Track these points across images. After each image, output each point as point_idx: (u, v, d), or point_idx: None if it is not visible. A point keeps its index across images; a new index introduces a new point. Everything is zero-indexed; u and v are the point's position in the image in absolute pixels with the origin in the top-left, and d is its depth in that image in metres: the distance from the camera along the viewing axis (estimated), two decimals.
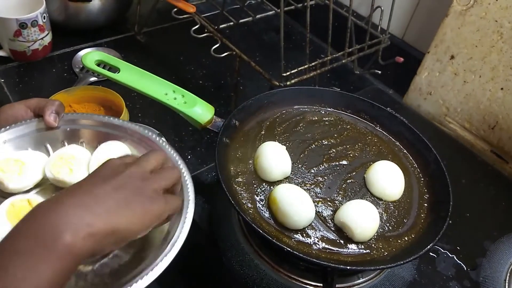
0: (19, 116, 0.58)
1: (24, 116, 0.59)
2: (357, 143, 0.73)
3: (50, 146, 0.60)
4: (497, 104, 0.87)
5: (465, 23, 0.87)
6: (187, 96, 0.67)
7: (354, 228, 0.57)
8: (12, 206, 0.52)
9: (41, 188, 0.58)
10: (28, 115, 0.59)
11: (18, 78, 0.94)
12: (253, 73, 0.88)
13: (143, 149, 0.60)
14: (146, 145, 0.61)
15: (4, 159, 0.55)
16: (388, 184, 0.65)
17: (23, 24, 0.91)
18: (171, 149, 0.59)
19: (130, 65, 0.66)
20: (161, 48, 1.12)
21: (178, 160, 0.58)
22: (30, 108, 0.59)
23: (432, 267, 0.70)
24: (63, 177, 0.56)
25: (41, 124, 0.59)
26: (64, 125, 0.60)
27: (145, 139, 0.61)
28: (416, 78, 0.99)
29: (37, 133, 0.59)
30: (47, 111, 0.58)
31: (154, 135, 0.60)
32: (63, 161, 0.57)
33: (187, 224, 0.50)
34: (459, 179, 0.84)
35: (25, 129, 0.58)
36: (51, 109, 0.58)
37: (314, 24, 0.83)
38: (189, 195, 0.54)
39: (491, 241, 0.74)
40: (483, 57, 0.86)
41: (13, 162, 0.55)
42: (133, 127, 0.61)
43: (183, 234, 0.50)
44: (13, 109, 0.59)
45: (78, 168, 0.57)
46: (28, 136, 0.58)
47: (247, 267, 0.64)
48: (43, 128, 0.59)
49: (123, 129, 0.61)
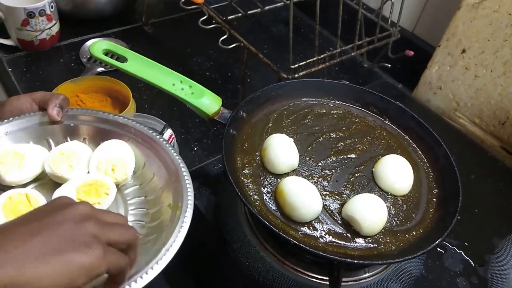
0: (24, 108, 0.58)
1: (29, 108, 0.58)
2: (365, 137, 0.72)
3: (52, 140, 0.60)
4: (508, 100, 0.86)
5: (477, 16, 0.85)
6: (194, 87, 0.67)
7: (362, 222, 0.57)
8: (9, 200, 0.51)
9: (39, 183, 0.57)
10: (33, 108, 0.59)
11: (25, 68, 0.94)
12: (261, 65, 0.87)
13: (145, 149, 0.60)
14: (149, 145, 0.60)
15: (3, 151, 0.55)
16: (397, 179, 0.64)
17: (31, 13, 0.90)
18: (173, 151, 0.58)
19: (138, 55, 0.66)
20: (169, 39, 1.11)
21: (178, 159, 0.57)
22: (35, 101, 0.59)
23: (439, 262, 0.69)
24: (62, 173, 0.55)
25: (44, 117, 0.58)
26: (68, 120, 0.60)
27: (148, 139, 0.60)
28: (426, 72, 0.98)
29: (40, 127, 0.59)
30: (51, 104, 0.58)
31: (158, 136, 0.60)
32: (63, 156, 0.56)
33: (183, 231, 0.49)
34: (468, 174, 0.83)
35: (27, 122, 0.58)
36: (54, 102, 0.58)
37: (323, 16, 0.82)
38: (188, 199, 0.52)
39: (500, 237, 0.73)
40: (495, 51, 0.85)
41: (12, 155, 0.55)
42: (137, 126, 0.60)
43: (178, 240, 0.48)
44: (18, 101, 0.58)
45: (78, 164, 0.57)
46: (31, 129, 0.58)
47: (253, 260, 0.64)
48: (46, 122, 0.59)
49: (127, 128, 0.61)
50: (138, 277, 0.44)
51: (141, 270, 0.45)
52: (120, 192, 0.58)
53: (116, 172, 0.57)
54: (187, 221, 0.50)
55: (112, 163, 0.57)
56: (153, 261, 0.46)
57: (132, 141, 0.60)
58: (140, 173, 0.59)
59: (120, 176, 0.57)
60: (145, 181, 0.58)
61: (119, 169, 0.57)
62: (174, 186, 0.55)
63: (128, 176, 0.58)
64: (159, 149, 0.58)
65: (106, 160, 0.57)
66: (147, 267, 0.45)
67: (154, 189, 0.57)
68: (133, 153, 0.59)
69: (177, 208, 0.52)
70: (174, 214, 0.51)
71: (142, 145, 0.60)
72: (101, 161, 0.57)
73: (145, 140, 0.60)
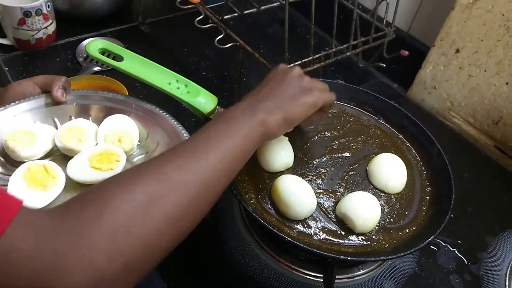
0: (27, 92, 0.61)
1: (32, 92, 0.61)
2: (360, 136, 0.72)
3: (57, 120, 0.63)
4: (501, 99, 0.87)
5: (471, 16, 0.86)
6: (190, 86, 0.67)
7: (356, 220, 0.57)
8: (28, 170, 0.54)
9: (51, 158, 0.61)
10: (36, 91, 0.61)
11: (22, 67, 0.95)
12: (257, 65, 0.88)
13: (148, 122, 0.64)
14: (151, 118, 0.64)
15: (15, 131, 0.58)
16: (391, 177, 0.64)
17: (28, 12, 0.91)
18: (173, 120, 0.62)
19: (134, 54, 0.66)
20: (165, 38, 1.11)
21: (181, 129, 0.61)
22: (37, 84, 0.62)
23: (432, 260, 0.70)
24: (72, 146, 0.59)
25: (48, 99, 0.61)
26: (71, 100, 0.63)
27: (149, 113, 0.64)
28: (421, 72, 0.99)
29: (45, 108, 0.62)
30: (55, 86, 0.61)
31: (158, 108, 0.64)
32: (71, 132, 0.60)
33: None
34: (462, 173, 0.84)
35: (33, 104, 0.61)
36: (58, 84, 0.61)
37: (319, 16, 0.83)
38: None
39: (493, 235, 0.74)
40: (489, 51, 0.86)
41: (23, 133, 0.58)
42: (137, 101, 0.65)
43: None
44: (21, 86, 0.61)
45: (86, 138, 0.61)
46: (37, 110, 0.61)
47: (248, 257, 0.64)
48: (50, 103, 0.62)
49: (127, 104, 0.65)
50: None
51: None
52: (129, 162, 0.61)
53: (122, 143, 0.61)
54: None
55: (118, 134, 0.61)
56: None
57: (133, 115, 0.64)
58: (145, 143, 0.63)
59: (127, 145, 0.61)
60: (150, 150, 0.63)
61: (125, 140, 0.61)
62: None
63: (134, 146, 0.62)
64: (160, 120, 0.63)
65: (112, 132, 0.61)
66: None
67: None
68: (136, 125, 0.63)
69: None
70: None
71: (143, 118, 0.64)
72: (108, 134, 0.61)
73: (145, 114, 0.64)
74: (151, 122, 0.63)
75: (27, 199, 0.52)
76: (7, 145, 0.57)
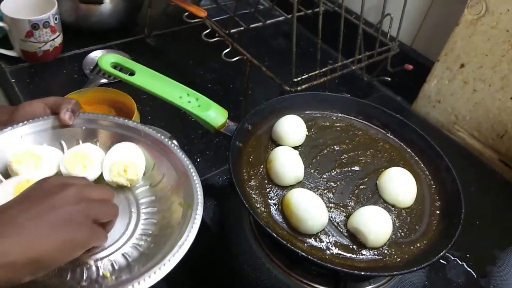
0: (37, 113, 0.60)
1: (42, 113, 0.60)
2: (368, 149, 0.73)
3: (65, 143, 0.62)
4: (506, 114, 0.87)
5: (476, 32, 0.87)
6: (201, 100, 0.68)
7: (368, 234, 0.58)
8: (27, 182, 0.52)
9: None
10: (46, 112, 0.61)
11: (28, 79, 0.95)
12: (262, 78, 0.89)
13: (155, 152, 0.62)
14: (159, 148, 0.62)
15: (22, 152, 0.57)
16: (401, 191, 0.65)
17: (35, 25, 0.91)
18: (182, 153, 0.60)
19: (145, 68, 0.67)
20: (171, 51, 1.12)
21: (188, 164, 0.59)
22: (47, 105, 0.61)
23: (442, 274, 0.70)
24: (77, 173, 0.58)
25: (57, 121, 0.61)
26: (80, 124, 0.62)
27: (158, 143, 0.62)
28: (425, 85, 1.00)
29: (53, 130, 0.61)
30: (63, 109, 0.60)
31: (167, 139, 0.62)
32: (77, 158, 0.59)
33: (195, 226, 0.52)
34: (468, 187, 0.84)
35: (41, 125, 0.60)
36: (66, 107, 0.60)
37: (323, 30, 0.83)
38: (198, 197, 0.55)
39: (501, 249, 0.74)
40: (493, 66, 0.87)
41: (29, 155, 0.57)
42: (146, 130, 0.63)
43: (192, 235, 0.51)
44: (31, 106, 0.61)
45: (91, 165, 0.59)
46: (44, 132, 0.60)
47: (259, 271, 0.64)
48: (58, 126, 0.61)
49: (137, 131, 0.63)
50: (156, 269, 0.47)
51: (157, 263, 0.47)
52: (132, 192, 0.60)
53: (128, 173, 0.59)
54: (199, 217, 0.52)
55: (124, 164, 0.59)
56: (168, 255, 0.48)
57: (142, 144, 0.62)
58: (150, 174, 0.62)
59: (132, 176, 0.59)
60: (155, 182, 0.61)
61: (130, 170, 0.59)
62: (184, 186, 0.57)
63: (139, 177, 0.60)
64: (168, 152, 0.61)
65: (118, 162, 0.59)
66: (163, 260, 0.47)
67: (164, 189, 0.59)
68: (143, 155, 0.62)
69: (188, 206, 0.54)
70: (186, 211, 0.54)
71: (151, 147, 0.62)
72: (114, 163, 0.60)
73: (154, 143, 0.62)
74: (159, 152, 0.61)
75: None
76: (11, 167, 0.56)
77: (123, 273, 0.49)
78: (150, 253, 0.51)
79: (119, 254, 0.52)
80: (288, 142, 0.69)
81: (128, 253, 0.52)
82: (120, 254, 0.52)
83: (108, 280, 0.49)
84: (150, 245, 0.53)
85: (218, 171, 0.81)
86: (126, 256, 0.52)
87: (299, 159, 0.66)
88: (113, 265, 0.51)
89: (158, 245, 0.52)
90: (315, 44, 0.92)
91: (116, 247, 0.53)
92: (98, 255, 0.51)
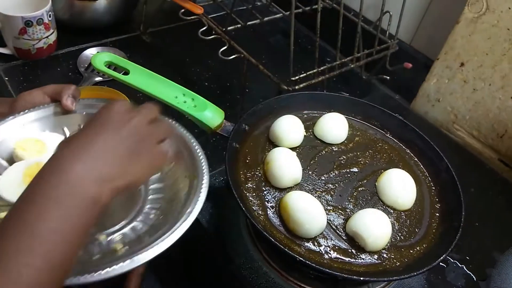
0: (37, 101, 0.60)
1: (41, 101, 0.60)
2: (367, 150, 0.72)
3: (67, 129, 0.62)
4: (506, 113, 0.86)
5: (476, 30, 0.86)
6: (197, 100, 0.66)
7: (367, 238, 0.57)
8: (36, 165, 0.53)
9: None
10: (46, 100, 0.61)
11: (22, 77, 0.93)
12: (259, 76, 0.87)
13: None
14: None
15: (24, 139, 0.57)
16: (400, 193, 0.64)
17: (29, 22, 0.89)
18: (180, 126, 0.61)
19: (140, 67, 0.65)
20: (167, 48, 1.10)
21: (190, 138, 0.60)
22: (47, 93, 0.61)
23: (441, 277, 0.69)
24: None
25: (58, 108, 0.61)
26: (81, 109, 0.62)
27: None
28: (425, 84, 0.98)
29: (55, 117, 0.61)
30: (64, 95, 0.60)
31: (166, 118, 0.61)
32: None
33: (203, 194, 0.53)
34: (467, 187, 0.83)
35: (43, 113, 0.60)
36: (67, 93, 0.60)
37: (321, 27, 0.82)
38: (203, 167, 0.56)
39: (501, 251, 0.73)
40: (494, 65, 0.85)
41: (33, 142, 0.58)
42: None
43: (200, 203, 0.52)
44: (31, 95, 0.61)
45: None
46: (46, 119, 0.60)
47: (256, 275, 0.63)
48: (60, 112, 0.61)
49: None
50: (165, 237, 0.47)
51: (166, 232, 0.48)
52: None
53: None
54: (205, 186, 0.54)
55: None
56: (177, 223, 0.49)
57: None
58: None
59: None
60: None
61: None
62: (188, 159, 0.58)
63: None
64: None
65: None
66: (172, 228, 0.48)
67: (169, 164, 0.59)
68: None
69: (194, 177, 0.55)
70: (192, 183, 0.55)
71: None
72: None
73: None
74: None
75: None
76: (16, 153, 0.56)
77: (134, 245, 0.50)
78: (159, 224, 0.52)
79: (128, 229, 0.53)
80: (286, 143, 0.68)
81: (137, 227, 0.53)
82: (129, 229, 0.53)
83: (119, 252, 0.49)
84: (159, 217, 0.54)
85: (215, 171, 0.79)
86: (136, 229, 0.53)
87: (296, 160, 0.65)
88: (123, 239, 0.52)
89: (166, 216, 0.53)
90: (313, 41, 0.91)
91: (124, 223, 0.53)
92: (108, 230, 0.52)
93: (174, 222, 0.50)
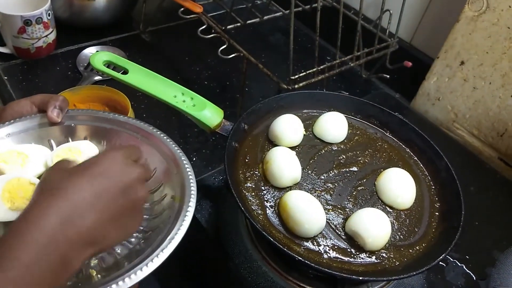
0: (25, 111, 0.59)
1: (29, 111, 0.59)
2: (367, 149, 0.72)
3: (53, 141, 0.60)
4: (506, 112, 0.86)
5: (476, 29, 0.86)
6: (196, 99, 0.66)
7: (366, 237, 0.56)
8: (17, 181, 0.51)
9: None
10: (33, 110, 0.59)
11: (21, 76, 0.93)
12: (258, 75, 0.87)
13: (145, 145, 0.59)
14: (151, 142, 0.60)
15: (7, 151, 0.55)
16: (400, 193, 0.64)
17: (28, 21, 0.89)
18: (174, 145, 0.58)
19: (139, 66, 0.65)
20: (166, 47, 1.10)
21: (181, 155, 0.57)
22: (35, 103, 0.59)
23: (441, 276, 0.69)
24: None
25: (44, 119, 0.59)
26: (68, 121, 0.60)
27: (150, 136, 0.60)
28: (425, 83, 0.98)
29: (40, 128, 0.59)
30: (50, 106, 0.58)
31: (159, 132, 0.60)
32: (69, 153, 0.57)
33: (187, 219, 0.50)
34: (467, 186, 0.83)
35: (28, 123, 0.58)
36: (54, 104, 0.58)
37: (320, 26, 0.82)
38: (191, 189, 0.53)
39: (500, 250, 0.73)
40: (494, 64, 0.85)
41: (16, 154, 0.55)
42: (138, 124, 0.61)
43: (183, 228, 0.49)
44: (19, 105, 0.59)
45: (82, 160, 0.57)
46: (32, 130, 0.58)
47: (255, 275, 0.63)
48: (46, 123, 0.59)
49: (128, 126, 0.61)
50: (144, 265, 0.45)
51: (146, 258, 0.46)
52: None
53: None
54: (191, 210, 0.51)
55: None
56: (157, 249, 0.46)
57: (132, 138, 0.60)
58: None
59: None
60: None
61: None
62: (176, 178, 0.55)
63: None
64: (158, 144, 0.59)
65: None
66: (152, 255, 0.46)
67: (157, 183, 0.57)
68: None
69: (180, 199, 0.53)
70: (178, 205, 0.52)
71: (142, 141, 0.60)
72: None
73: (144, 136, 0.60)
74: (150, 146, 0.59)
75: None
76: None
77: (111, 271, 0.47)
78: (140, 249, 0.50)
79: (107, 252, 0.50)
80: (285, 142, 0.68)
81: (116, 250, 0.50)
82: (108, 252, 0.50)
83: (94, 278, 0.47)
84: (140, 241, 0.51)
85: (214, 171, 0.79)
86: (115, 253, 0.50)
87: (296, 160, 0.65)
88: (100, 263, 0.49)
89: (148, 240, 0.50)
90: (312, 40, 0.91)
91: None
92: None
93: (154, 249, 0.47)
